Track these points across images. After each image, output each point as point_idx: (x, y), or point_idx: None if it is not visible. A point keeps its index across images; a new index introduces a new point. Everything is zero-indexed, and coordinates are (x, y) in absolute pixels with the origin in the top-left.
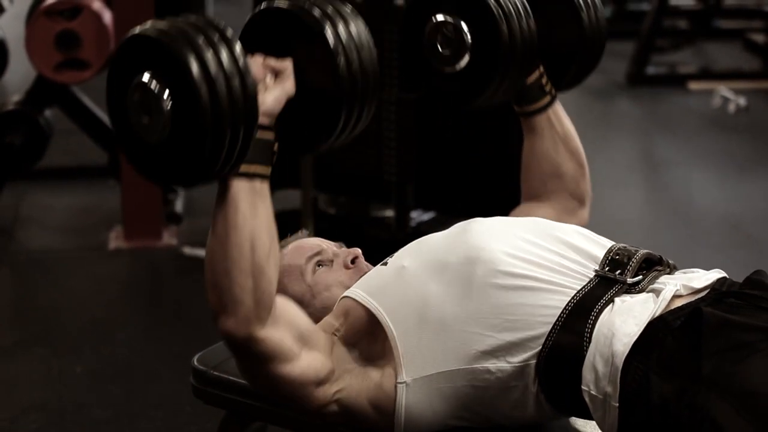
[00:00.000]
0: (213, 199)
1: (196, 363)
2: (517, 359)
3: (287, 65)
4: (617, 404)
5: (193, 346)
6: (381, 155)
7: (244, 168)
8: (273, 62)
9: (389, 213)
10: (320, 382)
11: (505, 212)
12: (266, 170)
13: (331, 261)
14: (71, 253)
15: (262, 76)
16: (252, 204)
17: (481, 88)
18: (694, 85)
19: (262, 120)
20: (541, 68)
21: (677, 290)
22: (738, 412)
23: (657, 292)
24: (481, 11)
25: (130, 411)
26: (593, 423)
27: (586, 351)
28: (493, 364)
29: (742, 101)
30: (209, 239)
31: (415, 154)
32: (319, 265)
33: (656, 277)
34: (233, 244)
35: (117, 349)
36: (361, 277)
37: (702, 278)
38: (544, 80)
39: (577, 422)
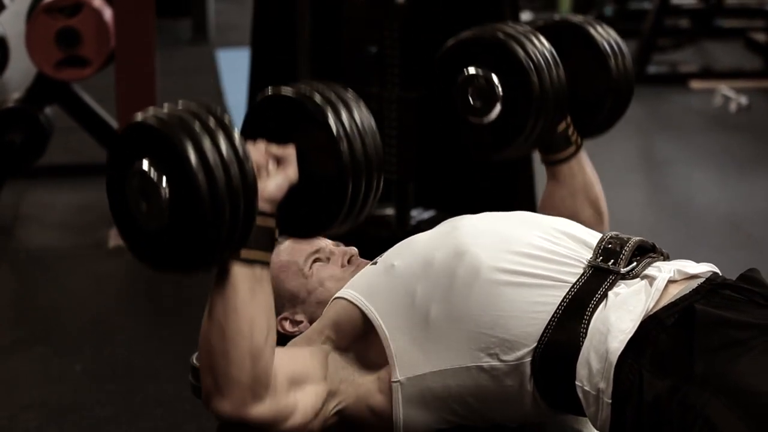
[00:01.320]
0: None
1: (195, 361)
2: (511, 357)
3: (290, 152)
4: (610, 401)
5: (193, 345)
6: (384, 156)
7: (244, 254)
8: (275, 149)
9: (390, 211)
10: (319, 410)
11: (505, 211)
12: (267, 257)
13: (328, 258)
14: (71, 251)
15: (265, 163)
16: (251, 289)
17: (511, 139)
18: (695, 84)
19: (263, 207)
20: (569, 119)
21: (671, 276)
22: (731, 410)
23: (651, 279)
24: (513, 63)
25: (130, 409)
26: (588, 421)
27: (581, 347)
28: (486, 363)
29: (743, 100)
30: (206, 322)
31: (416, 152)
32: (315, 262)
33: (649, 264)
34: (232, 326)
35: (117, 347)
36: (355, 274)
37: (695, 266)
38: (570, 130)
39: (574, 422)
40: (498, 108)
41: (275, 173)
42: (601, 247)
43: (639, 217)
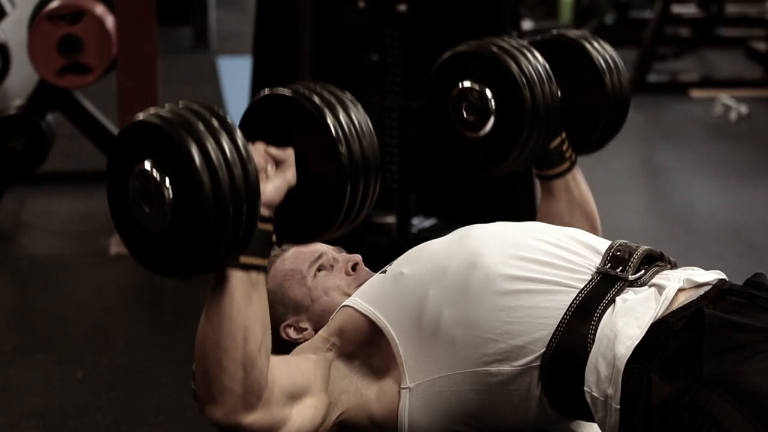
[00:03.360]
0: None
1: None
2: (520, 362)
3: (289, 154)
4: (618, 406)
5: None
6: (383, 162)
7: (242, 259)
8: (274, 151)
9: (391, 220)
10: (319, 423)
11: (506, 220)
12: (263, 262)
13: (332, 266)
14: (72, 259)
15: (264, 165)
16: (247, 295)
17: (504, 154)
18: (695, 93)
19: (262, 211)
20: (563, 134)
21: (680, 285)
22: (739, 412)
23: (659, 288)
24: (505, 78)
25: (131, 417)
26: (596, 427)
27: (589, 352)
28: (495, 368)
29: (743, 109)
30: (201, 326)
31: (417, 161)
32: (319, 270)
33: (657, 272)
34: (226, 334)
35: (117, 354)
36: (360, 283)
37: (703, 275)
38: (565, 146)
39: (580, 427)
40: (491, 122)
41: (274, 176)
42: (610, 254)
43: (640, 226)
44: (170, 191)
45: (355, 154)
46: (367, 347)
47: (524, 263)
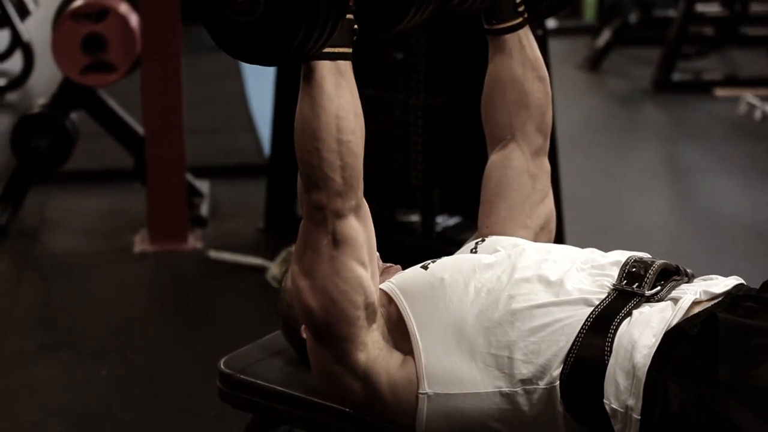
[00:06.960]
0: (237, 205)
1: (222, 366)
2: (544, 381)
3: None
4: (639, 417)
5: (218, 350)
6: (407, 161)
7: (328, 49)
8: None
9: (415, 218)
10: (367, 305)
11: None
12: (348, 50)
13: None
14: (96, 257)
15: None
16: (337, 84)
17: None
18: (719, 92)
19: None
20: None
21: (696, 297)
22: (757, 415)
23: (676, 301)
24: None
25: (155, 415)
26: None
27: (607, 364)
28: (519, 388)
29: (767, 108)
30: (297, 120)
31: (442, 159)
32: None
33: (674, 287)
34: (320, 123)
35: (141, 352)
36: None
37: (720, 284)
38: (518, 0)
39: None
40: None
41: None
42: (625, 271)
43: (663, 225)
44: None
45: None
46: (395, 331)
47: (552, 288)
